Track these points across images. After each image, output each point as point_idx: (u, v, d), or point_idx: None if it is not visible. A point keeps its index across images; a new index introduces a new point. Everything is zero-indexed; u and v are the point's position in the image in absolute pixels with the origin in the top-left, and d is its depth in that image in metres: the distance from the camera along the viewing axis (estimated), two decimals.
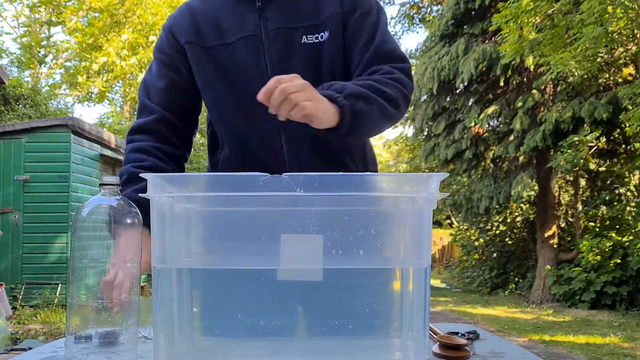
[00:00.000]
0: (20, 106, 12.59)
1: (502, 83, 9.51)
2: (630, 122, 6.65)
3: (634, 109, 6.40)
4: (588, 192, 10.37)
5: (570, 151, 7.84)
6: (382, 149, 25.49)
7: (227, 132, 1.28)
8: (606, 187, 10.05)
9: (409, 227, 0.86)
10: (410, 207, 0.84)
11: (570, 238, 10.15)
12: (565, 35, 6.56)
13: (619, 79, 8.59)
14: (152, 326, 0.85)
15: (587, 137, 7.88)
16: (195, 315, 0.87)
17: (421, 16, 14.64)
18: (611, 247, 8.36)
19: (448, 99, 10.78)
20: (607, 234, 8.84)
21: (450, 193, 11.07)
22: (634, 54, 7.91)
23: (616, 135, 8.98)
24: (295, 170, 0.83)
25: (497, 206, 10.55)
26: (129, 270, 0.92)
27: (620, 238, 8.66)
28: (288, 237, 0.84)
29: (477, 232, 13.09)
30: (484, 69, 9.38)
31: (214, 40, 1.23)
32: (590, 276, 8.41)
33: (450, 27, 10.26)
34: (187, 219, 0.86)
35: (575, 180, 9.85)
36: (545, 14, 6.61)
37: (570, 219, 10.33)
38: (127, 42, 17.02)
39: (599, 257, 8.37)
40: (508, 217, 12.09)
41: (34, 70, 18.06)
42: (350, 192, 0.82)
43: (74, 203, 7.51)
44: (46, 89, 17.99)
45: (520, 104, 9.04)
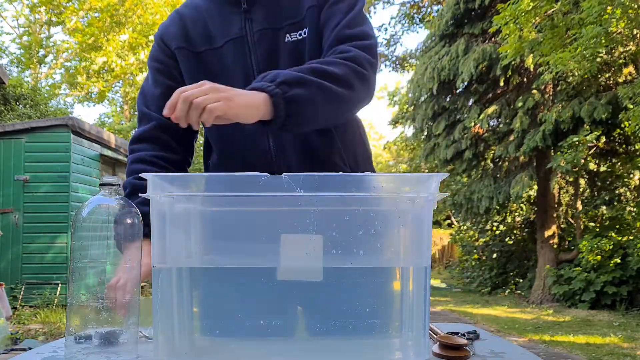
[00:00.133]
0: (20, 106, 12.59)
1: (502, 83, 9.51)
2: (630, 121, 6.65)
3: (634, 108, 6.40)
4: (588, 192, 10.38)
5: (570, 151, 7.84)
6: (382, 149, 25.50)
7: (216, 135, 1.28)
8: (606, 187, 10.05)
9: (409, 227, 0.86)
10: (410, 207, 0.84)
11: (570, 238, 10.15)
12: (565, 35, 6.56)
13: (619, 79, 8.59)
14: (152, 326, 0.85)
15: (587, 137, 7.88)
16: (195, 315, 0.87)
17: (421, 16, 14.65)
18: (611, 247, 8.36)
19: (448, 99, 10.78)
20: (607, 234, 8.84)
21: (450, 193, 11.11)
22: (633, 53, 7.91)
23: (616, 135, 8.98)
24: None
25: (497, 206, 10.55)
26: (130, 271, 0.92)
27: (620, 238, 8.67)
28: (288, 237, 0.84)
29: (477, 232, 13.09)
30: (484, 69, 9.38)
31: (204, 45, 1.24)
32: (590, 276, 8.41)
33: (450, 27, 10.26)
34: (187, 219, 0.86)
35: (575, 180, 9.85)
36: (545, 14, 6.61)
37: (570, 219, 10.33)
38: (126, 42, 17.02)
39: (599, 257, 8.38)
40: (508, 217, 12.09)
41: (34, 70, 18.06)
42: (350, 192, 0.82)
43: (74, 203, 7.51)
44: (46, 89, 17.99)
45: (520, 104, 9.04)
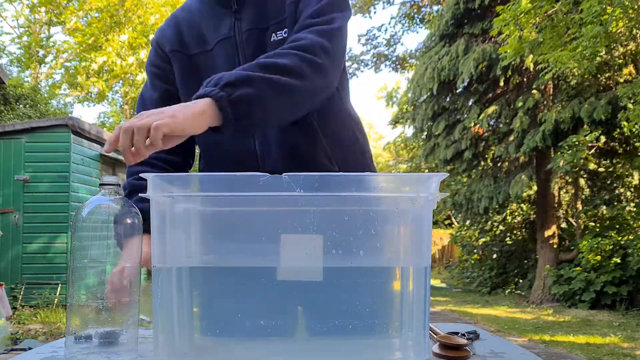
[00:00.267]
0: (20, 106, 12.59)
1: (502, 83, 9.52)
2: (630, 121, 6.65)
3: (634, 108, 6.40)
4: (588, 192, 10.38)
5: (570, 152, 7.84)
6: (382, 149, 25.51)
7: (202, 137, 1.28)
8: (606, 187, 10.05)
9: (409, 227, 0.86)
10: (410, 207, 0.84)
11: (570, 238, 10.15)
12: (565, 35, 6.56)
13: (619, 79, 8.59)
14: (152, 325, 0.85)
15: (586, 138, 7.89)
16: (195, 315, 0.87)
17: (421, 16, 14.65)
18: (611, 247, 8.37)
19: (448, 99, 10.78)
20: (607, 234, 8.84)
21: (450, 193, 11.11)
22: (633, 53, 7.91)
23: (616, 135, 8.98)
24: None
25: (496, 206, 10.56)
26: (129, 270, 0.92)
27: (620, 238, 8.67)
28: (288, 237, 0.84)
29: (477, 232, 13.09)
30: (484, 69, 9.38)
31: (197, 47, 1.25)
32: (590, 276, 8.41)
33: (450, 27, 10.26)
34: (187, 219, 0.86)
35: (575, 180, 9.85)
36: (545, 14, 6.61)
37: (570, 219, 10.33)
38: (126, 42, 17.02)
39: (599, 257, 8.38)
40: (508, 217, 12.09)
41: (34, 70, 18.07)
42: (350, 192, 0.82)
43: (74, 203, 7.51)
44: (46, 89, 18.00)
45: (520, 104, 9.05)
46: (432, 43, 11.01)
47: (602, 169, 9.65)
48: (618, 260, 8.24)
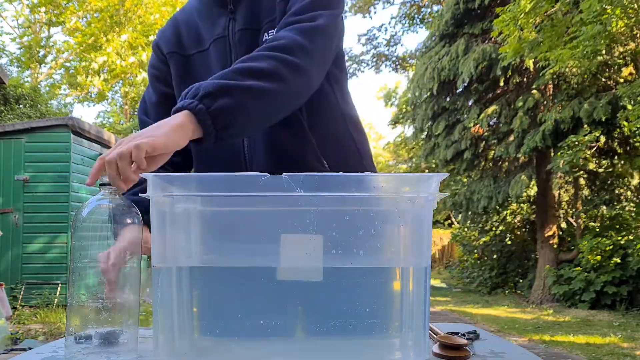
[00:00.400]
0: (20, 106, 12.59)
1: (502, 83, 9.51)
2: (630, 121, 6.65)
3: (634, 108, 6.40)
4: (588, 192, 10.38)
5: (570, 152, 7.84)
6: (382, 149, 25.52)
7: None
8: (606, 187, 10.05)
9: (409, 227, 0.86)
10: (410, 207, 0.84)
11: (570, 238, 10.15)
12: (565, 35, 6.57)
13: (619, 79, 8.59)
14: (152, 325, 0.85)
15: (586, 138, 7.89)
16: (195, 315, 0.88)
17: (421, 16, 14.66)
18: (611, 247, 8.37)
19: (448, 99, 10.78)
20: (607, 234, 8.84)
21: (450, 193, 11.11)
22: (633, 53, 7.91)
23: (616, 135, 8.98)
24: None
25: (496, 206, 10.56)
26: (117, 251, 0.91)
27: (620, 238, 8.67)
28: (288, 237, 0.84)
29: (477, 232, 13.09)
30: (484, 69, 9.38)
31: (194, 48, 1.25)
32: (590, 276, 8.41)
33: (450, 27, 10.26)
34: (187, 219, 0.86)
35: (575, 180, 9.85)
36: (545, 14, 6.61)
37: (570, 219, 10.33)
38: (126, 42, 17.02)
39: (599, 257, 8.38)
40: (508, 217, 12.09)
41: (34, 70, 18.07)
42: (350, 192, 0.82)
43: (74, 203, 7.51)
44: (46, 89, 17.99)
45: (520, 104, 9.05)
46: (432, 43, 11.01)
47: (602, 169, 9.64)
48: (618, 260, 8.24)
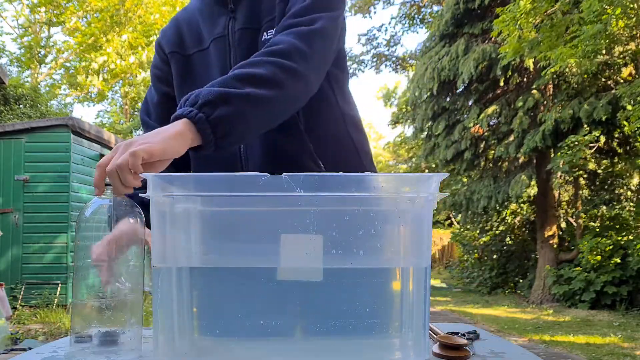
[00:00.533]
0: (20, 106, 12.59)
1: (502, 83, 9.51)
2: (630, 121, 6.65)
3: (634, 108, 6.40)
4: (588, 192, 10.38)
5: (570, 152, 7.85)
6: (382, 149, 25.53)
7: None
8: (606, 187, 10.05)
9: (409, 227, 0.86)
10: (410, 207, 0.84)
11: (570, 238, 10.15)
12: (565, 34, 6.56)
13: (619, 79, 8.60)
14: (152, 325, 0.85)
15: (585, 138, 7.89)
16: (195, 315, 0.88)
17: (421, 16, 14.66)
18: (611, 247, 8.36)
19: (448, 99, 10.78)
20: (607, 234, 8.84)
21: (450, 193, 11.11)
22: (633, 53, 7.91)
23: (616, 135, 8.98)
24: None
25: (496, 206, 10.56)
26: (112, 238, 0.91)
27: (620, 238, 8.67)
28: (288, 237, 0.84)
29: (477, 232, 13.09)
30: (484, 69, 9.38)
31: (195, 47, 1.25)
32: (590, 276, 8.41)
33: (450, 27, 10.26)
34: (187, 219, 0.86)
35: (575, 180, 9.85)
36: (545, 14, 6.61)
37: (570, 219, 10.33)
38: (127, 42, 17.03)
39: (599, 257, 8.38)
40: (508, 217, 12.09)
41: (34, 70, 18.07)
42: (350, 192, 0.82)
43: (74, 203, 7.51)
44: (46, 89, 18.00)
45: (520, 104, 9.05)
46: (432, 43, 11.02)
47: (602, 169, 9.65)
48: (618, 260, 8.24)
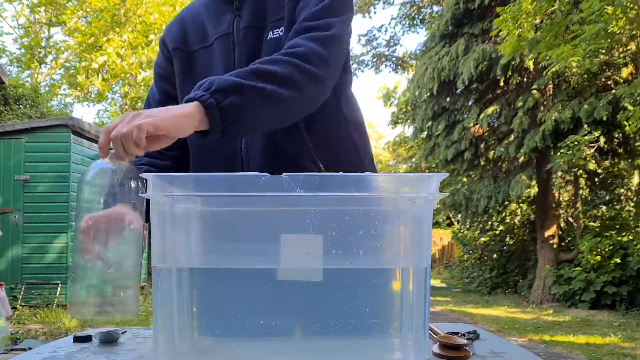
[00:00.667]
0: (21, 106, 12.58)
1: (502, 83, 9.51)
2: (630, 122, 6.65)
3: (635, 109, 6.40)
4: (588, 192, 10.38)
5: (570, 152, 7.84)
6: (382, 149, 25.53)
7: (191, 141, 1.26)
8: (606, 187, 10.05)
9: (409, 227, 0.86)
10: (410, 207, 0.84)
11: (570, 238, 10.15)
12: (565, 34, 6.56)
13: (619, 79, 8.59)
14: (152, 325, 0.85)
15: (585, 138, 7.88)
16: (195, 315, 0.87)
17: (421, 17, 14.66)
18: (611, 247, 8.36)
19: (448, 99, 10.78)
20: (607, 234, 8.84)
21: (450, 193, 11.11)
22: (633, 53, 7.91)
23: (616, 135, 8.98)
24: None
25: (496, 206, 10.56)
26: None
27: (620, 238, 8.67)
28: (288, 237, 0.84)
29: (477, 232, 13.09)
30: (484, 69, 9.38)
31: (198, 43, 1.25)
32: (590, 276, 8.41)
33: (450, 27, 10.26)
34: (187, 219, 0.86)
35: (575, 180, 9.85)
36: (545, 14, 6.61)
37: (570, 219, 10.33)
38: (126, 42, 17.02)
39: (599, 257, 8.38)
40: (508, 217, 12.09)
41: (34, 70, 18.07)
42: (350, 192, 0.82)
43: (74, 203, 7.49)
44: (46, 89, 17.99)
45: (520, 104, 9.04)
46: (432, 43, 11.01)
47: (601, 169, 9.64)
48: (618, 260, 8.24)
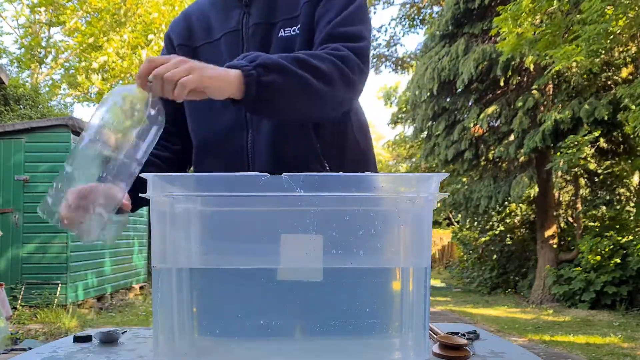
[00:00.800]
0: (21, 106, 12.58)
1: (502, 83, 9.51)
2: (629, 122, 6.65)
3: (636, 109, 6.39)
4: (588, 192, 10.37)
5: (570, 152, 7.84)
6: (382, 148, 25.53)
7: (197, 126, 1.26)
8: (606, 187, 10.05)
9: (409, 227, 0.86)
10: (410, 207, 0.84)
11: (570, 238, 10.15)
12: (565, 34, 6.55)
13: (619, 79, 8.59)
14: (152, 325, 0.85)
15: (585, 138, 7.88)
16: (195, 315, 0.87)
17: (421, 17, 14.66)
18: (611, 247, 8.36)
19: (448, 99, 10.77)
20: (607, 234, 8.84)
21: (450, 193, 11.10)
22: (633, 53, 7.91)
23: (616, 135, 8.98)
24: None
25: (496, 206, 10.55)
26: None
27: (620, 238, 8.66)
28: (288, 237, 0.84)
29: (477, 232, 13.09)
30: (484, 69, 9.38)
31: (203, 39, 1.25)
32: (590, 276, 8.41)
33: (450, 27, 10.25)
34: (187, 219, 0.86)
35: (575, 180, 9.85)
36: (545, 13, 6.60)
37: (570, 219, 10.33)
38: (127, 42, 17.02)
39: (599, 257, 8.38)
40: (508, 217, 12.09)
41: (34, 70, 18.07)
42: (350, 192, 0.82)
43: None
44: (46, 89, 17.99)
45: (520, 104, 9.04)
46: (432, 43, 11.01)
47: (601, 169, 9.64)
48: (618, 261, 8.24)
